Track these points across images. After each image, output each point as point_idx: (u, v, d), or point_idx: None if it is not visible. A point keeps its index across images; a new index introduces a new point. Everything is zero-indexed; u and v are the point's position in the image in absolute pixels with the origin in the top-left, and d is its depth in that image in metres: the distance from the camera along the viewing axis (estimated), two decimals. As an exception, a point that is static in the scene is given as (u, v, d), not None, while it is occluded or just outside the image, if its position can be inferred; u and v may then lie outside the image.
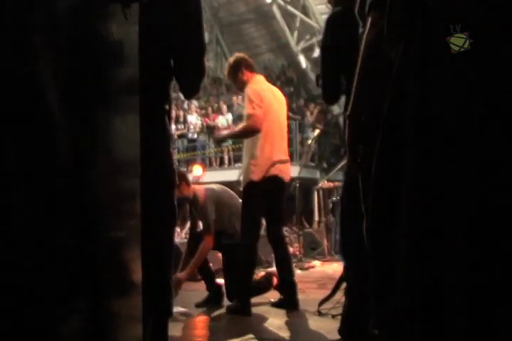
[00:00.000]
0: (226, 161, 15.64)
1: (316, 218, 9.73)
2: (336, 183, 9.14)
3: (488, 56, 1.47)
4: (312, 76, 16.26)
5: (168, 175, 2.28)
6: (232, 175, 12.71)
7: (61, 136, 1.44)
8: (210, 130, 15.97)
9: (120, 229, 1.70)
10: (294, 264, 4.90)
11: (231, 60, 4.75)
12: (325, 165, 15.15)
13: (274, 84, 4.74)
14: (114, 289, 1.65)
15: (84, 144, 1.56)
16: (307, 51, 16.40)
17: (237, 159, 15.73)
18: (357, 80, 2.09)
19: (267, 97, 4.48)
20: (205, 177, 16.65)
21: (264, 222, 4.67)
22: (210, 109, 16.26)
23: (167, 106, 2.31)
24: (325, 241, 8.83)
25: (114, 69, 1.73)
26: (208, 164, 15.97)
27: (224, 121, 15.65)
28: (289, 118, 5.00)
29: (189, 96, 2.44)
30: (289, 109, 5.86)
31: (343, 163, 8.97)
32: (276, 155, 4.46)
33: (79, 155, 1.53)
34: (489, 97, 1.48)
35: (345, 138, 2.28)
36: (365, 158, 2.15)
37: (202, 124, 16.00)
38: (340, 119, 15.80)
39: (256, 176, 4.36)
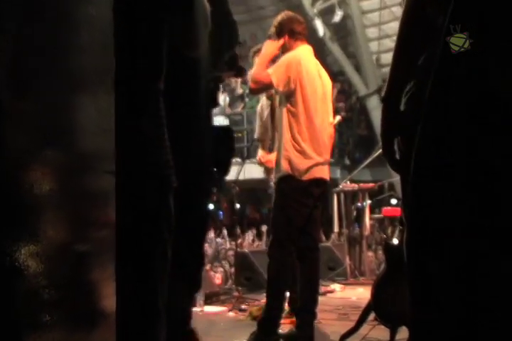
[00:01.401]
0: (220, 156, 15.67)
1: (336, 229, 9.73)
2: (362, 185, 9.15)
3: None
4: (332, 46, 16.28)
5: (161, 174, 2.24)
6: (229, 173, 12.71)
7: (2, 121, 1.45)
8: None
9: (85, 241, 1.70)
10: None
11: (277, 19, 4.76)
12: (347, 161, 15.17)
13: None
14: (73, 321, 1.65)
15: (32, 132, 1.56)
16: (325, 14, 16.39)
17: (235, 153, 15.74)
18: (394, 53, 2.10)
19: (309, 73, 4.45)
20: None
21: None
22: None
23: (161, 84, 2.23)
24: (347, 259, 8.82)
25: (74, 28, 1.74)
26: (197, 159, 16.02)
27: (221, 102, 15.67)
28: None
29: (191, 48, 2.44)
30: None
31: (372, 157, 8.99)
32: (317, 155, 4.44)
33: (26, 146, 1.53)
34: None
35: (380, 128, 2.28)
36: (406, 153, 2.16)
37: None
38: (370, 101, 15.90)
39: (295, 170, 4.38)
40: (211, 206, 24.12)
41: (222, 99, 15.68)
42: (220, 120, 15.75)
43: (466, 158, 1.78)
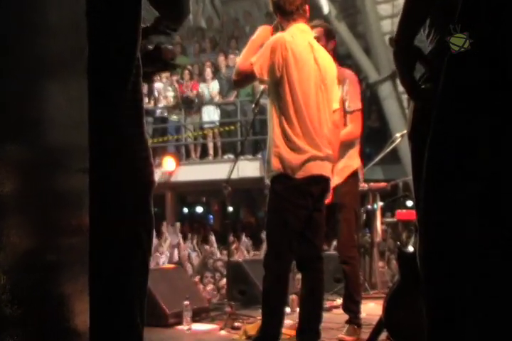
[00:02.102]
0: (210, 151, 15.67)
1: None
2: (372, 184, 9.17)
3: None
4: (338, 25, 16.30)
5: (140, 172, 2.26)
6: (220, 171, 12.74)
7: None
8: (187, 105, 15.98)
9: (55, 250, 1.71)
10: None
11: None
12: (356, 157, 15.18)
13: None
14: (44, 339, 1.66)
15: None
16: (331, -11, 16.44)
17: (227, 148, 15.77)
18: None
19: (298, 56, 4.43)
20: (179, 174, 16.69)
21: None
22: (186, 74, 16.24)
23: (134, 69, 2.26)
24: (356, 270, 8.86)
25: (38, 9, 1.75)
26: (183, 155, 16.02)
27: (207, 90, 15.65)
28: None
29: (178, 21, 2.44)
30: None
31: (384, 153, 9.00)
32: (313, 148, 4.44)
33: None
34: None
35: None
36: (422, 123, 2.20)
37: (175, 96, 16.00)
38: (382, 89, 15.89)
39: (286, 168, 4.38)
40: (200, 209, 23.81)
41: (212, 86, 15.67)
42: (209, 110, 15.75)
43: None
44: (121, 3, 2.20)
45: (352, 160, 5.59)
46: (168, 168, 15.28)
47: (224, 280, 9.03)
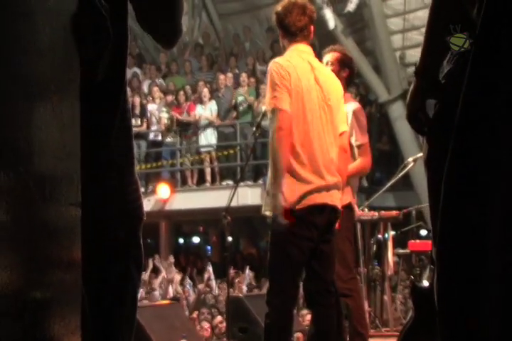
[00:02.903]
0: (208, 177, 15.68)
1: (352, 268, 9.73)
2: (383, 212, 9.16)
3: None
4: (345, 41, 16.39)
5: (131, 205, 2.31)
6: (218, 198, 12.73)
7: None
8: (182, 128, 16.02)
9: (46, 288, 1.72)
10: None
11: (276, 8, 4.74)
12: (365, 183, 15.20)
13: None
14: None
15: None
16: (336, 2, 16.54)
17: (226, 174, 15.78)
18: (428, 20, 2.24)
19: (298, 79, 4.44)
20: (174, 202, 16.63)
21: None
22: (182, 95, 16.31)
23: (123, 88, 2.30)
24: (366, 305, 8.83)
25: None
26: (179, 181, 16.02)
27: (205, 113, 15.67)
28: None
29: (169, 43, 2.45)
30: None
31: (396, 178, 9.01)
32: (318, 177, 4.43)
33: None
34: None
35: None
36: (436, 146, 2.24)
37: (170, 119, 16.06)
38: (392, 109, 15.91)
39: (287, 201, 4.37)
40: (197, 239, 23.74)
41: (210, 107, 15.70)
42: (207, 133, 15.77)
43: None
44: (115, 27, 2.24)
45: (345, 195, 5.60)
46: (162, 195, 15.27)
47: (220, 317, 9.02)
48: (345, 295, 5.44)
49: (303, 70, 4.51)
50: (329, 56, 5.51)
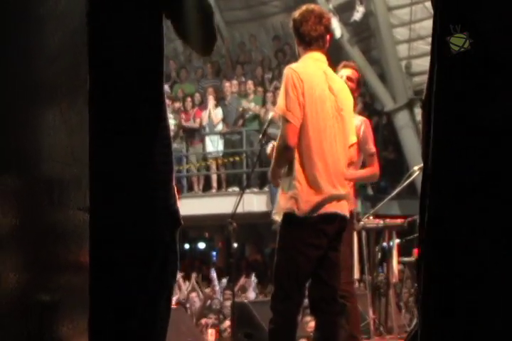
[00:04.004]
0: (214, 183, 15.69)
1: (356, 275, 9.72)
2: (389, 220, 9.15)
3: None
4: (351, 50, 16.38)
5: (173, 206, 2.37)
6: (224, 205, 12.74)
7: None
8: (189, 134, 16.03)
9: (54, 290, 1.72)
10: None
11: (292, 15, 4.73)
12: (370, 191, 15.19)
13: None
14: None
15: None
16: (343, 11, 16.54)
17: (232, 181, 15.77)
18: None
19: (312, 87, 4.41)
20: (180, 208, 16.53)
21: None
22: (189, 101, 16.32)
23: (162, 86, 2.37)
24: (370, 313, 8.80)
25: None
26: (185, 187, 16.01)
27: (213, 117, 15.64)
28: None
29: (207, 49, 2.62)
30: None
31: (401, 187, 9.00)
32: (331, 186, 4.43)
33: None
34: None
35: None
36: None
37: (177, 125, 16.06)
38: (398, 118, 15.89)
39: (301, 209, 4.36)
40: (202, 245, 23.75)
41: (216, 113, 15.70)
42: (213, 140, 15.77)
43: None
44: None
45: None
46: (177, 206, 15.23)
47: (227, 322, 9.00)
48: (343, 297, 5.44)
49: (318, 79, 4.50)
50: (349, 72, 5.56)
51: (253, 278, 13.15)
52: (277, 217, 4.51)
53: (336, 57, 15.73)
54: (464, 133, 1.97)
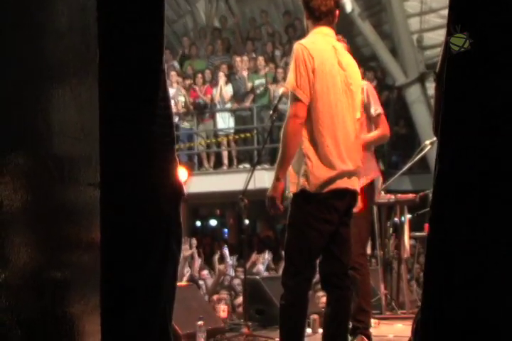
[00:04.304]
0: (225, 160, 15.69)
1: (368, 250, 9.74)
2: (400, 196, 9.15)
3: None
4: (362, 24, 16.31)
5: (172, 180, 2.36)
6: (235, 182, 12.75)
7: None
8: (199, 111, 16.02)
9: (65, 268, 1.73)
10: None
11: None
12: (382, 166, 15.17)
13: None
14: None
15: None
16: (354, -14, 16.45)
17: (243, 157, 15.77)
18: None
19: (323, 63, 4.41)
20: (191, 185, 16.67)
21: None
22: (199, 78, 16.29)
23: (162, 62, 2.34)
24: (382, 288, 8.83)
25: None
26: (196, 164, 16.03)
27: (224, 94, 15.62)
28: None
29: None
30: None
31: (413, 161, 8.99)
32: (341, 162, 4.43)
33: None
34: None
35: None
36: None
37: (186, 101, 16.05)
38: (409, 92, 15.85)
39: (312, 185, 4.38)
40: (214, 222, 23.78)
41: (226, 90, 15.67)
42: (224, 116, 15.76)
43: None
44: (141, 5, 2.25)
45: (367, 170, 5.60)
46: (179, 178, 15.27)
47: (240, 299, 9.03)
48: (353, 268, 5.45)
49: (328, 54, 4.50)
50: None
51: (267, 256, 13.19)
52: (288, 194, 4.52)
53: (347, 32, 15.72)
54: (464, 133, 1.98)
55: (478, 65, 2.01)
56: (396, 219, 8.96)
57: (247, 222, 9.11)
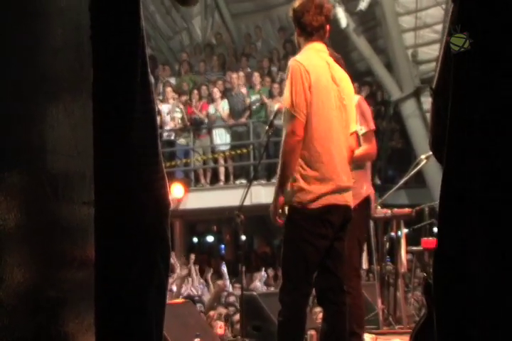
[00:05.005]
0: (222, 176, 15.69)
1: (364, 265, 9.73)
2: (396, 210, 9.15)
3: None
4: (357, 39, 16.35)
5: (157, 193, 2.34)
6: (232, 197, 12.74)
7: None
8: (196, 127, 16.03)
9: (59, 286, 1.73)
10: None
11: (292, 4, 4.73)
12: (377, 180, 15.18)
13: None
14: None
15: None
16: (349, 1, 16.49)
17: (239, 173, 15.78)
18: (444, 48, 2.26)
19: (318, 78, 4.43)
20: (188, 201, 16.64)
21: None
22: (195, 94, 16.31)
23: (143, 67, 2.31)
24: (379, 303, 8.81)
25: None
26: (192, 181, 16.03)
27: (218, 111, 15.63)
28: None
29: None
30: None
31: (408, 176, 9.00)
32: (336, 177, 4.43)
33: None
34: None
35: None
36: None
37: (183, 117, 16.06)
38: (405, 107, 15.88)
39: (307, 200, 4.38)
40: (211, 238, 23.72)
41: (222, 106, 15.69)
42: (220, 132, 15.78)
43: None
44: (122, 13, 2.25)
45: (361, 187, 5.57)
46: (176, 194, 15.27)
47: (238, 315, 9.01)
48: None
49: (322, 69, 4.52)
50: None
51: (263, 273, 13.17)
52: (285, 208, 4.53)
53: (342, 47, 15.78)
54: (464, 133, 1.99)
55: (478, 65, 2.02)
56: (392, 234, 8.96)
57: (243, 237, 9.10)
